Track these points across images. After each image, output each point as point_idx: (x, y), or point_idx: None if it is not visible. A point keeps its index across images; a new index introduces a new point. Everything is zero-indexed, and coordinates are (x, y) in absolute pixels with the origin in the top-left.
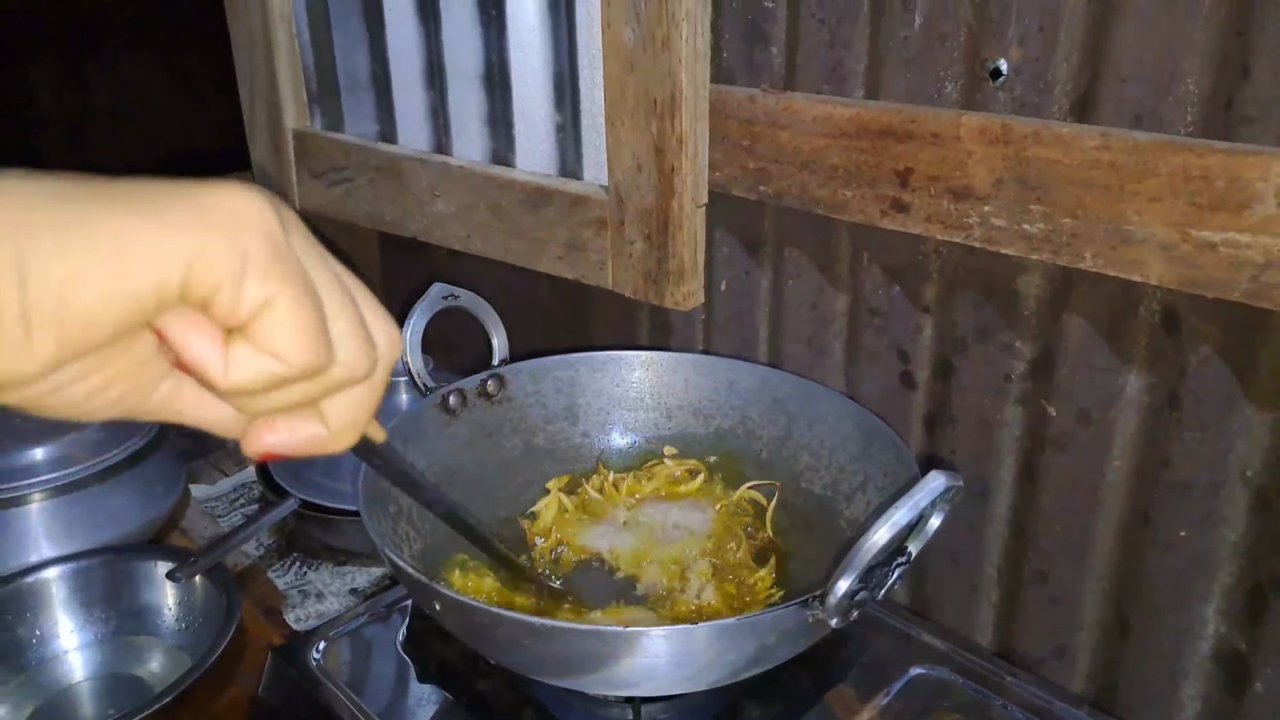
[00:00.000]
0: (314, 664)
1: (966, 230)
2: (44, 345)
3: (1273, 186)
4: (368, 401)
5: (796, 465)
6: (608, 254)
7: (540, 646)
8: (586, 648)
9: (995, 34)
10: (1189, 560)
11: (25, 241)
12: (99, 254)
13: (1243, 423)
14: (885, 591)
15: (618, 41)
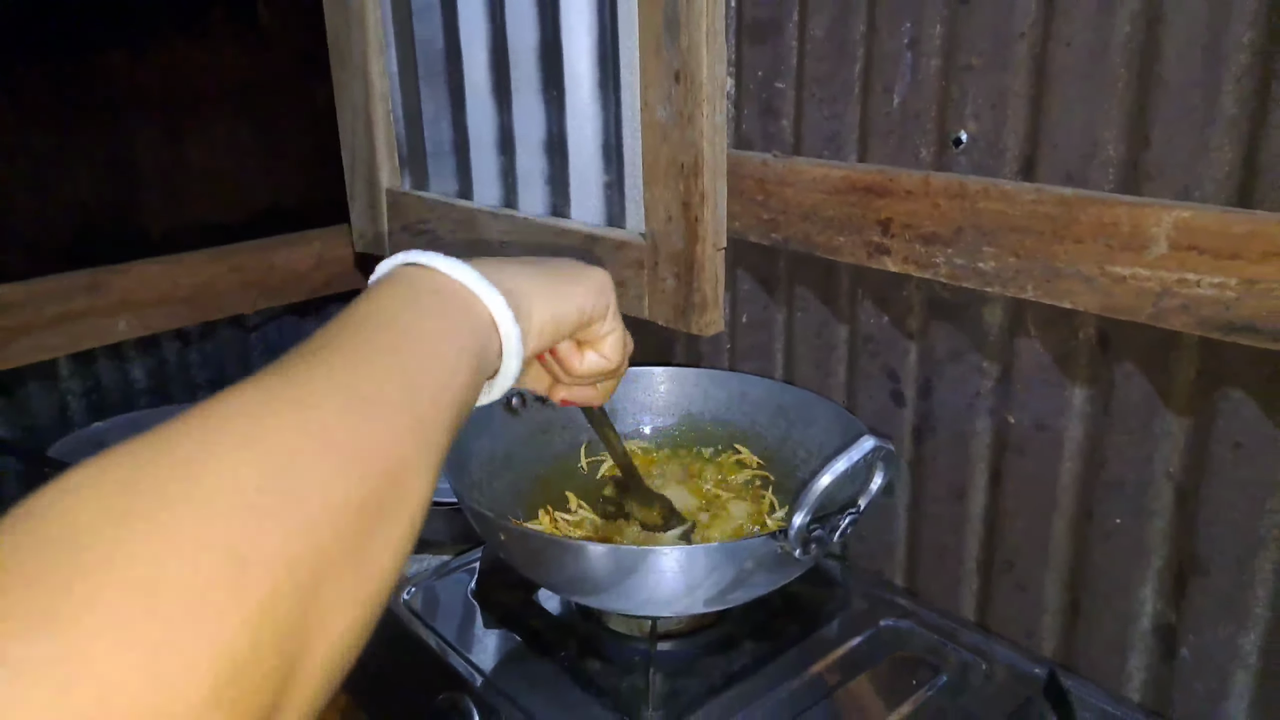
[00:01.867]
0: (404, 603)
1: (934, 268)
2: (532, 343)
3: (1164, 231)
4: (608, 390)
5: (794, 458)
6: (645, 290)
7: (573, 563)
8: (607, 563)
9: (957, 111)
10: (1126, 548)
11: (528, 296)
12: (560, 300)
13: (1164, 427)
14: (839, 535)
15: (653, 118)
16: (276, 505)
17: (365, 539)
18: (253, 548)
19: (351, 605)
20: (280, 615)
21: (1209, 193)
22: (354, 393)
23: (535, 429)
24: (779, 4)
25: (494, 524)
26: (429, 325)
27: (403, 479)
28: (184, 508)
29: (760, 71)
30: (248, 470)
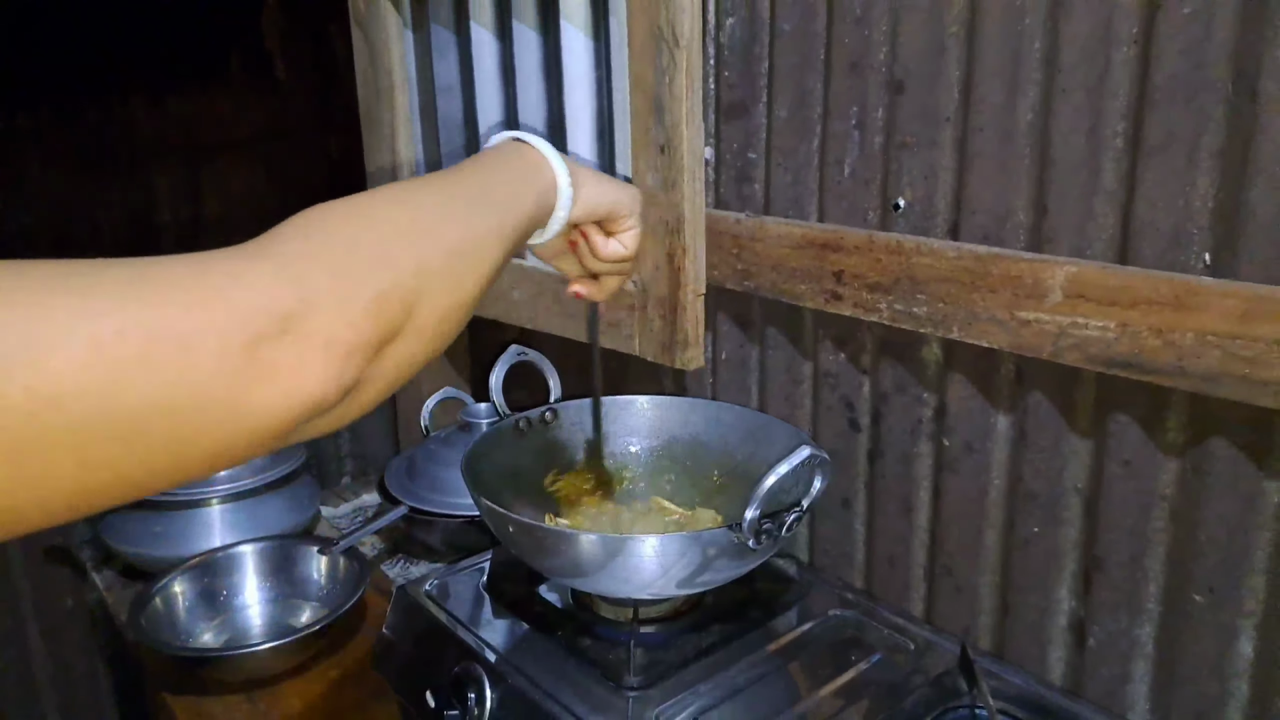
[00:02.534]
0: (425, 592)
1: (879, 312)
2: (577, 209)
3: (1059, 283)
4: (621, 282)
5: (758, 471)
6: (636, 329)
7: (568, 549)
8: (595, 548)
9: (896, 181)
10: (1043, 554)
11: (582, 177)
12: (602, 189)
13: (1070, 448)
14: (787, 529)
15: (643, 184)
16: (410, 234)
17: (456, 265)
18: (395, 253)
19: (444, 299)
20: (403, 283)
21: (1098, 251)
22: (465, 195)
23: (540, 448)
24: (750, 88)
25: (504, 518)
26: (518, 174)
27: (482, 246)
28: (359, 228)
29: (735, 144)
30: (395, 215)
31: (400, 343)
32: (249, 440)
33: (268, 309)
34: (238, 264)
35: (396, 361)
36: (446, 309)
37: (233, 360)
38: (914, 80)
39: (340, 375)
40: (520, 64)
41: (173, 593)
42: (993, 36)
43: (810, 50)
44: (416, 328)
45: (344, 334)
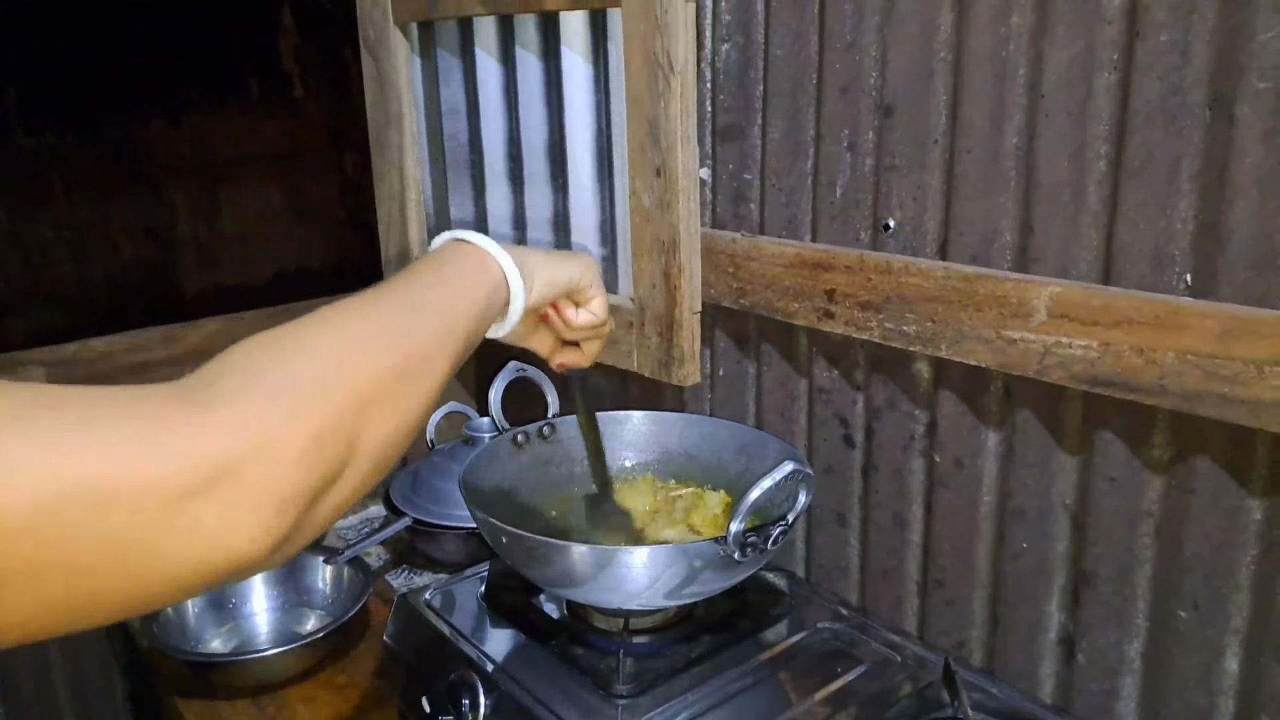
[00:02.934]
0: (424, 601)
1: (869, 331)
2: (533, 296)
3: (1044, 303)
4: (593, 350)
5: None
6: (634, 346)
7: (559, 560)
8: (585, 559)
9: (885, 202)
10: (1032, 568)
11: (532, 263)
12: (554, 268)
13: (1059, 465)
14: (772, 542)
15: (640, 204)
16: (346, 363)
17: (398, 389)
18: (331, 384)
19: (387, 427)
20: (343, 420)
21: (1083, 272)
22: (404, 307)
23: (536, 462)
24: (745, 111)
25: (498, 529)
26: (460, 276)
27: (428, 360)
28: (294, 361)
29: (731, 165)
30: (331, 343)
31: (340, 484)
32: (175, 592)
33: (195, 465)
34: (172, 411)
35: (336, 504)
36: (389, 437)
37: (156, 517)
38: (903, 104)
39: (270, 532)
40: (523, 88)
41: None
42: (979, 62)
43: (803, 74)
44: (357, 464)
45: (276, 488)
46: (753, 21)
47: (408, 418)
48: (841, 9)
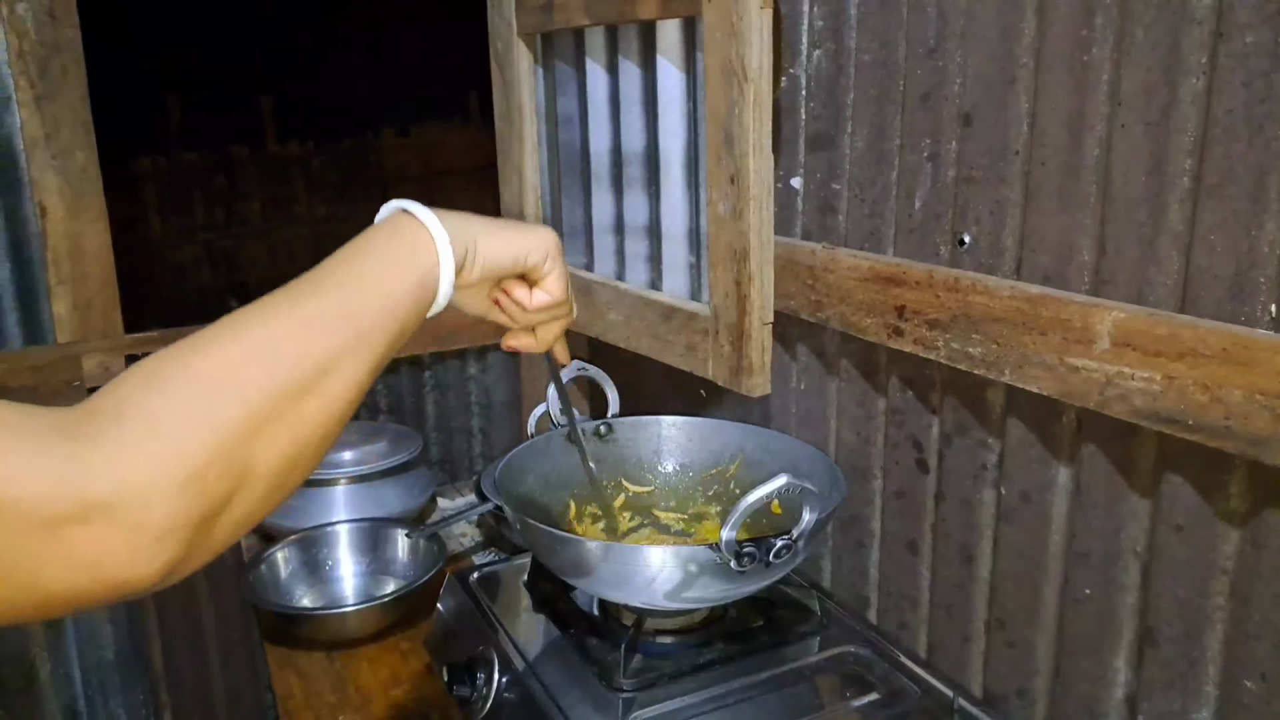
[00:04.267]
0: (473, 582)
1: (936, 350)
2: (474, 274)
3: (1106, 329)
4: (559, 329)
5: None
6: (710, 354)
7: (560, 549)
8: (580, 551)
9: (962, 215)
10: (1096, 617)
11: (475, 237)
12: (502, 244)
13: (1129, 508)
14: (773, 554)
15: (716, 212)
16: (234, 388)
17: (298, 406)
18: (215, 414)
19: (285, 447)
20: (229, 449)
21: (1160, 297)
22: (301, 316)
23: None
24: (835, 119)
25: (519, 517)
26: (383, 266)
27: (330, 372)
28: (178, 390)
29: (819, 174)
30: (218, 367)
31: (236, 508)
32: (50, 610)
33: (70, 495)
34: (55, 439)
35: (231, 526)
36: (290, 456)
37: (32, 539)
38: (982, 112)
39: (150, 561)
40: (624, 96)
41: (277, 559)
42: (1058, 67)
43: (889, 82)
44: (251, 488)
45: (154, 521)
46: (844, 27)
47: (313, 432)
48: (925, 13)
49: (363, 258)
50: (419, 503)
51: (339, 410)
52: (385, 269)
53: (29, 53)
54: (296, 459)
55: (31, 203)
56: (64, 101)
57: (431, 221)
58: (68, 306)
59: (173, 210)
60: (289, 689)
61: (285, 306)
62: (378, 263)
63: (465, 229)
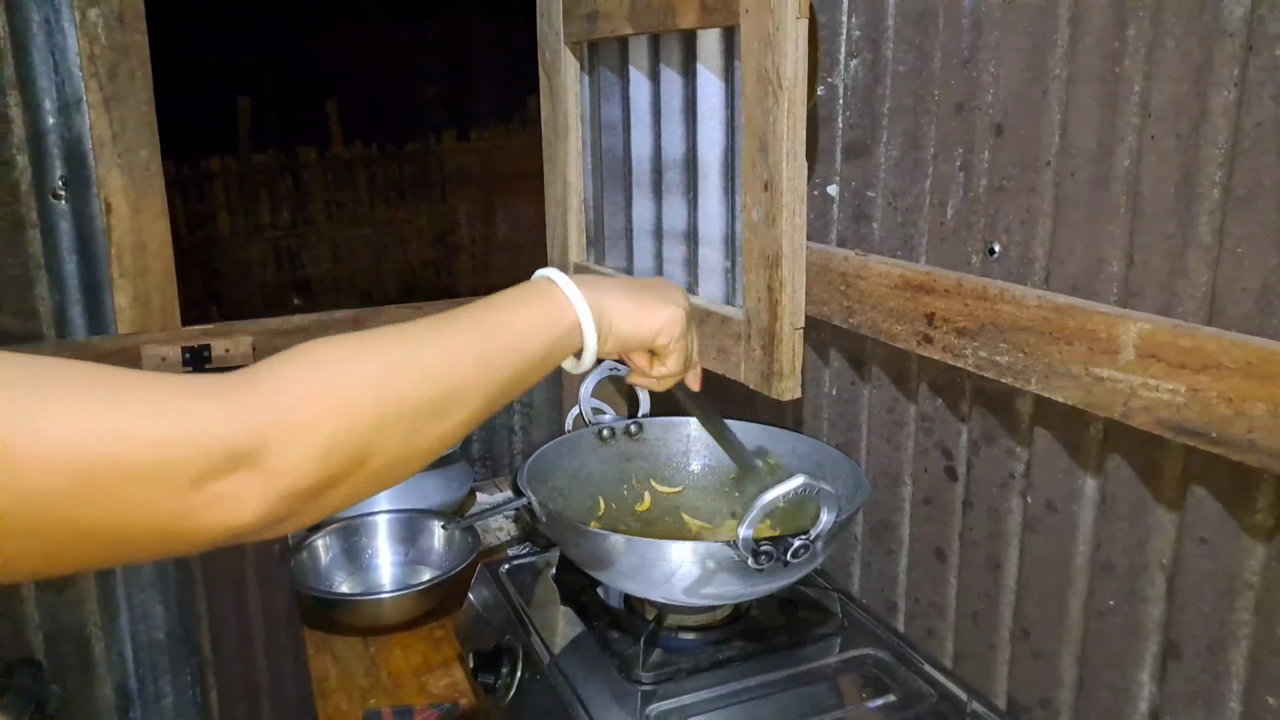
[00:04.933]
0: (503, 573)
1: (964, 358)
2: (608, 347)
3: (1131, 340)
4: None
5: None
6: (742, 357)
7: (580, 541)
8: (600, 545)
9: (993, 225)
10: (1121, 630)
11: (611, 314)
12: (633, 324)
13: (1155, 520)
14: (790, 553)
15: (750, 219)
16: (380, 385)
17: (421, 420)
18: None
19: (400, 450)
20: (361, 434)
21: (1189, 309)
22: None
23: (620, 457)
24: (871, 128)
25: (543, 506)
26: (525, 320)
27: (457, 401)
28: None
29: (854, 182)
30: (373, 364)
31: (344, 487)
32: (183, 550)
33: (222, 446)
34: (208, 402)
35: (336, 502)
36: (400, 459)
37: (180, 496)
38: (1014, 123)
39: (272, 513)
40: (665, 104)
41: (318, 546)
42: (1089, 78)
43: (924, 91)
44: (364, 476)
45: (286, 478)
46: (882, 37)
47: (423, 446)
48: (960, 25)
49: (516, 308)
50: (458, 496)
51: (452, 435)
52: (527, 325)
53: (99, 57)
54: (404, 464)
55: (98, 200)
56: (131, 103)
57: (573, 292)
58: (129, 299)
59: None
60: (324, 671)
61: (435, 335)
62: (524, 318)
63: (602, 303)
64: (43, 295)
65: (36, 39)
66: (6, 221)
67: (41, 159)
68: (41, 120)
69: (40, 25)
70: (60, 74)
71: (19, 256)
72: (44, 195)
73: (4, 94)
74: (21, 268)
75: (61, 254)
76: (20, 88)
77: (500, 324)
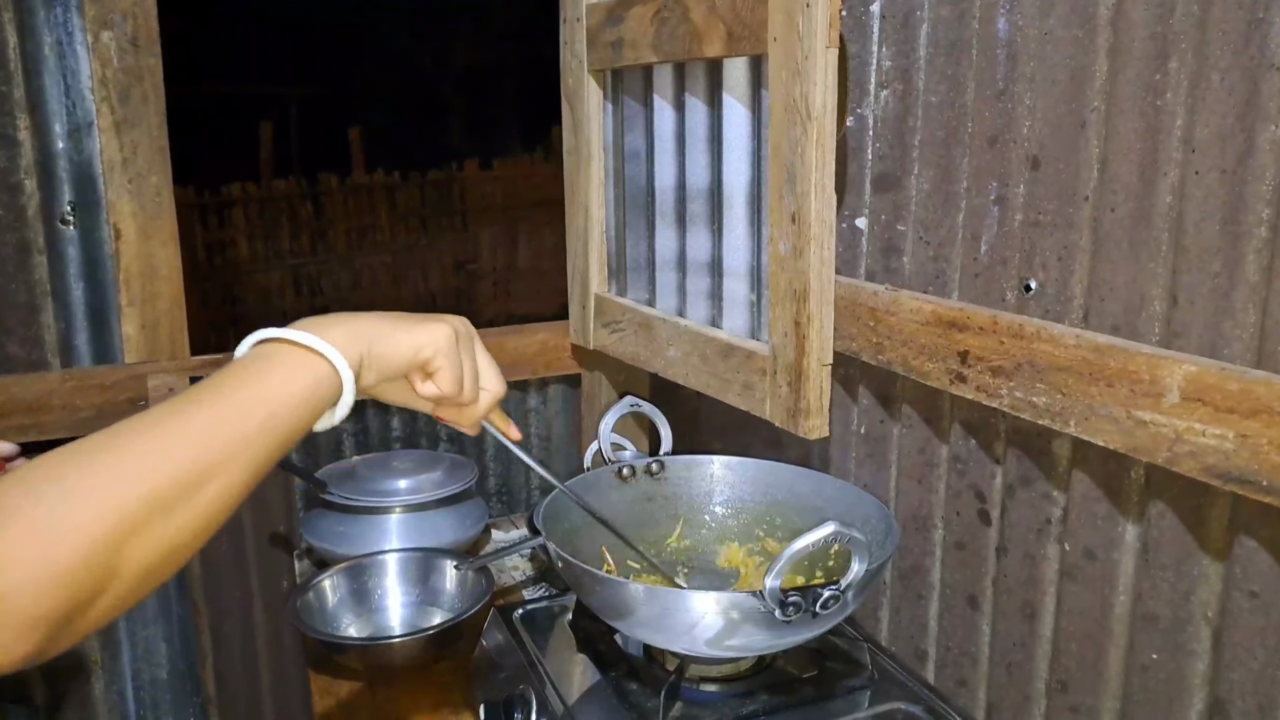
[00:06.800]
0: (517, 618)
1: (999, 399)
2: (370, 377)
3: (1176, 383)
4: (473, 414)
5: None
6: (768, 393)
7: (596, 588)
8: (618, 593)
9: (1029, 261)
10: (1163, 684)
11: (370, 341)
12: (393, 346)
13: (1200, 570)
14: (820, 604)
15: (777, 250)
16: (109, 492)
17: (165, 515)
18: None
19: (155, 549)
20: (95, 554)
21: (1236, 351)
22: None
23: (640, 497)
24: (901, 160)
25: (557, 552)
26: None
27: (202, 484)
28: (55, 496)
29: (884, 215)
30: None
31: (99, 605)
32: None
33: None
34: None
35: (95, 618)
36: (159, 557)
37: None
38: (1051, 156)
39: (15, 648)
40: (690, 133)
41: (325, 586)
42: (1130, 112)
43: (957, 123)
44: (117, 587)
45: (24, 613)
46: (913, 67)
47: (181, 539)
48: (995, 55)
49: (239, 375)
50: (472, 534)
51: (212, 518)
52: (262, 384)
53: (111, 80)
54: (164, 562)
55: (107, 225)
56: (143, 127)
57: (311, 340)
58: (136, 326)
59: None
60: (330, 718)
61: (158, 421)
62: (254, 379)
63: (358, 334)
64: (48, 323)
65: (48, 61)
66: (13, 246)
67: (50, 183)
68: (51, 143)
69: (52, 47)
70: (71, 97)
71: (25, 282)
72: (52, 220)
73: (14, 116)
74: (27, 294)
75: (68, 280)
76: (30, 110)
77: (230, 390)
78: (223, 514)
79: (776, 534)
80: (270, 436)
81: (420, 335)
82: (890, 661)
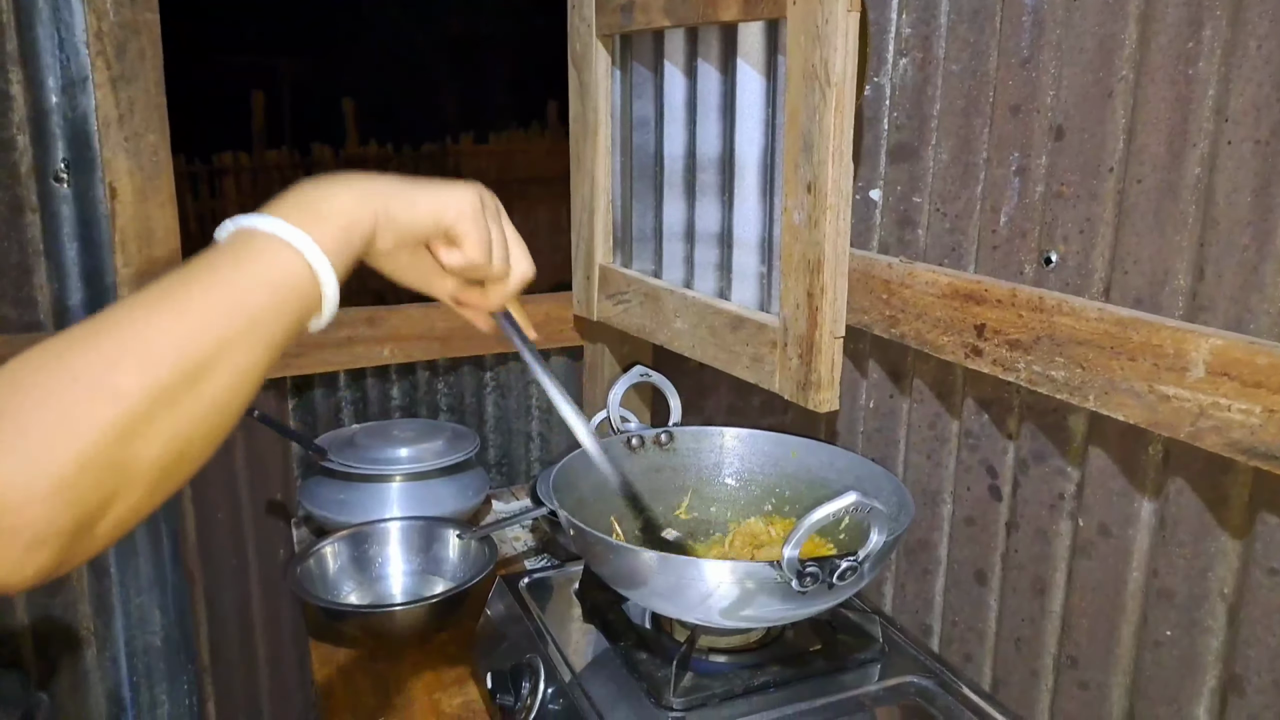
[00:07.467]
0: (522, 587)
1: (1016, 372)
2: (387, 240)
3: (1202, 357)
4: (500, 293)
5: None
6: (777, 366)
7: (610, 558)
8: (632, 561)
9: (1050, 233)
10: (1177, 661)
11: (386, 200)
12: (410, 206)
13: (1218, 547)
14: (837, 575)
15: (790, 221)
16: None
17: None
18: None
19: (164, 445)
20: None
21: (1263, 326)
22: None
23: (648, 468)
24: (919, 130)
25: (569, 520)
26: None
27: (212, 366)
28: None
29: (900, 186)
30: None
31: (114, 510)
32: None
33: None
34: None
35: (114, 526)
36: (174, 454)
37: None
38: (1075, 126)
39: (22, 568)
40: (702, 100)
41: (325, 554)
42: (1160, 80)
43: (978, 93)
44: (133, 489)
45: (26, 527)
46: (933, 35)
47: (195, 429)
48: (1020, 22)
49: (232, 252)
50: (473, 504)
51: (226, 404)
52: (257, 263)
53: (107, 34)
54: (180, 457)
55: (102, 184)
56: (140, 84)
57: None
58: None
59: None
60: (330, 687)
61: (157, 300)
62: (251, 253)
63: (371, 194)
64: (41, 283)
65: (41, 13)
66: (5, 205)
67: (43, 139)
68: (44, 99)
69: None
70: (65, 51)
71: (17, 242)
72: (45, 178)
73: (5, 70)
74: (19, 254)
75: (62, 240)
76: (23, 64)
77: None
78: (235, 401)
79: (785, 507)
80: (278, 315)
81: (444, 197)
82: (900, 635)
